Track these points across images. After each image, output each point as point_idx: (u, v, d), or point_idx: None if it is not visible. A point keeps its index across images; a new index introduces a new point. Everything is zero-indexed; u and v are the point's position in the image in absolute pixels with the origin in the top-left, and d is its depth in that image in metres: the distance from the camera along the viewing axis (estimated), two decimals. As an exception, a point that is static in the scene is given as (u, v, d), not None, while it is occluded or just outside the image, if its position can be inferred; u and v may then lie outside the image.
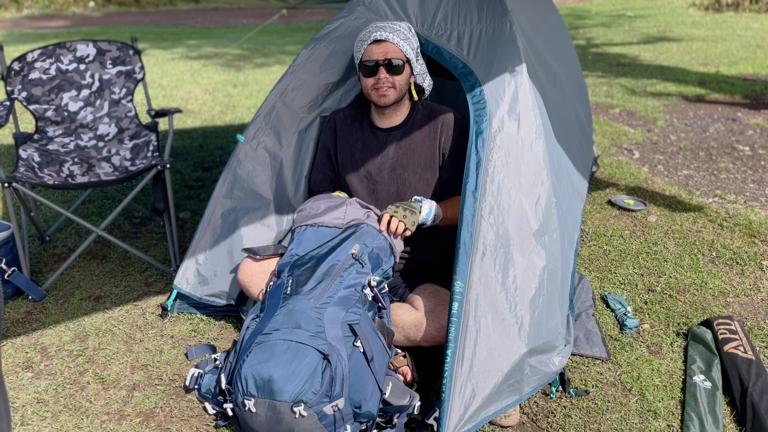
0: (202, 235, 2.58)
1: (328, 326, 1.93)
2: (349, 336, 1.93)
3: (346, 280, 2.07)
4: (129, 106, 3.38)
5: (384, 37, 2.27)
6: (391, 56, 2.28)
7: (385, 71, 2.29)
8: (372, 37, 2.28)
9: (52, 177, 2.97)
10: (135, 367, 2.35)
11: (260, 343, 1.90)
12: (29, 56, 3.18)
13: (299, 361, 1.83)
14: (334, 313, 1.98)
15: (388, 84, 2.30)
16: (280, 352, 1.85)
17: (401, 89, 2.34)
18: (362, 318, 2.00)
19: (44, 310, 2.72)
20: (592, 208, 3.66)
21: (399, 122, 2.43)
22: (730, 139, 4.95)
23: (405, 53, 2.30)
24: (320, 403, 1.79)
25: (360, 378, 1.88)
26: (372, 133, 2.45)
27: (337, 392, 1.81)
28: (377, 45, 2.29)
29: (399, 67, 2.29)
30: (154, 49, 9.37)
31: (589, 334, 2.47)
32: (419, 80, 2.41)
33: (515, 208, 2.11)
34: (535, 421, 2.07)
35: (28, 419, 2.09)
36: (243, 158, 2.59)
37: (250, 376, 1.84)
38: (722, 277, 2.92)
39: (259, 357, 1.87)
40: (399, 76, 2.31)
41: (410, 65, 2.35)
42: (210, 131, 5.29)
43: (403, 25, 2.35)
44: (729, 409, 2.12)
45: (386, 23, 2.34)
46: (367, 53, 2.31)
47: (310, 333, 1.89)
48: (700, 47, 8.80)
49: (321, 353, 1.85)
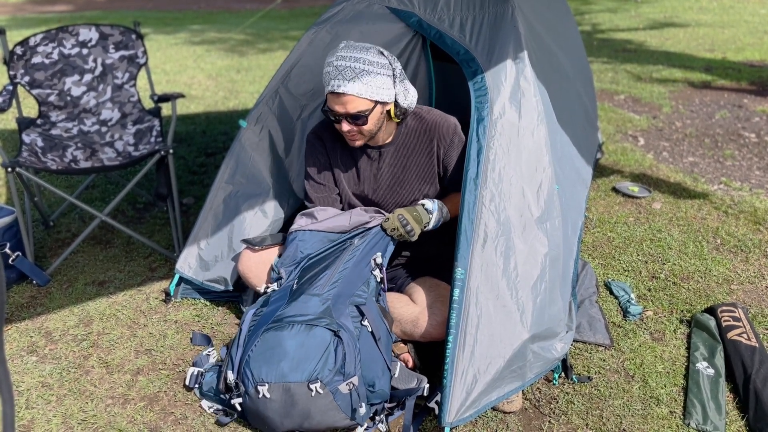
0: (204, 221, 2.58)
1: (335, 306, 1.94)
2: (356, 316, 1.94)
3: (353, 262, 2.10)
4: (132, 91, 3.38)
5: (342, 90, 2.04)
6: (352, 109, 2.08)
7: (347, 123, 2.13)
8: (330, 86, 2.07)
9: (55, 162, 2.97)
10: (139, 352, 2.36)
11: (267, 331, 1.90)
12: (32, 40, 3.17)
13: (310, 340, 1.83)
14: (340, 293, 1.99)
15: (355, 132, 2.16)
16: (288, 336, 1.86)
17: (371, 132, 2.19)
18: (368, 300, 2.01)
19: (48, 294, 2.73)
20: (596, 195, 3.65)
21: (388, 140, 2.31)
22: (736, 125, 4.92)
23: (370, 98, 2.07)
24: (335, 382, 1.80)
25: (370, 356, 1.89)
26: (362, 152, 2.34)
27: (351, 370, 1.82)
28: (336, 96, 2.08)
29: (363, 119, 2.11)
30: (157, 34, 9.33)
31: (593, 320, 2.46)
32: (400, 99, 2.17)
33: (516, 194, 2.10)
34: (537, 407, 2.08)
35: (33, 403, 2.11)
36: (245, 144, 2.58)
37: (260, 364, 1.83)
38: (726, 264, 2.92)
39: (268, 344, 1.86)
40: (366, 125, 2.14)
41: (381, 103, 2.13)
42: (213, 116, 5.28)
43: (369, 56, 2.07)
44: (732, 396, 2.12)
45: (349, 57, 2.06)
46: (328, 100, 2.13)
47: (318, 313, 1.90)
48: (707, 33, 8.72)
49: (331, 331, 1.86)
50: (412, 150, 2.31)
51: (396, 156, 2.32)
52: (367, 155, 2.33)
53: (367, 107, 2.10)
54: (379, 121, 2.18)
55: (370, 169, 2.34)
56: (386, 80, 2.10)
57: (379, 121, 2.18)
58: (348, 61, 2.05)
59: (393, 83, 2.13)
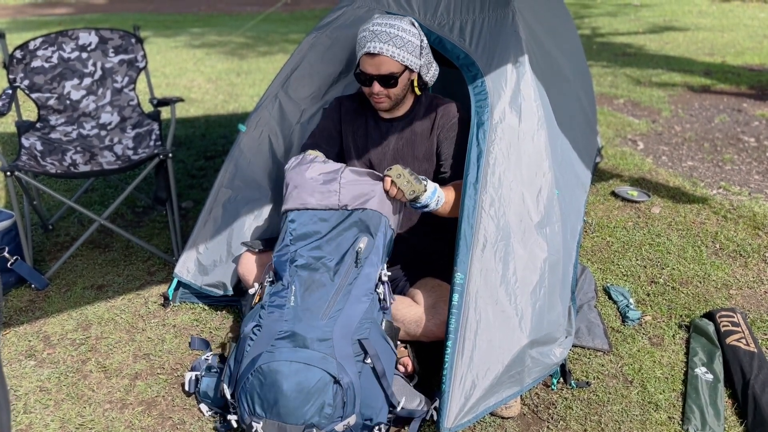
0: (203, 225, 2.58)
1: (338, 344, 1.86)
2: (359, 354, 1.87)
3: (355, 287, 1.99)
4: (131, 94, 3.38)
5: (377, 50, 2.14)
6: (385, 70, 2.17)
7: (379, 85, 2.20)
8: (366, 47, 2.16)
9: (54, 166, 2.97)
10: (137, 356, 2.36)
11: (266, 362, 1.83)
12: (31, 44, 3.17)
13: (308, 383, 1.78)
14: (343, 327, 1.90)
15: (383, 95, 2.23)
16: (286, 375, 1.79)
17: (397, 97, 2.26)
18: (372, 328, 1.94)
19: (47, 298, 2.73)
20: (595, 199, 3.65)
21: (402, 113, 2.38)
22: (735, 130, 4.92)
23: (402, 61, 2.18)
24: (331, 424, 1.78)
25: (371, 394, 1.86)
26: (375, 122, 2.42)
27: (349, 411, 1.80)
28: (371, 57, 2.17)
29: (394, 81, 2.20)
30: (157, 37, 9.34)
31: (591, 325, 2.46)
32: (423, 71, 2.29)
33: (516, 199, 2.10)
34: (536, 412, 2.07)
35: (30, 407, 2.10)
36: (244, 148, 2.58)
37: (256, 397, 1.81)
38: (725, 269, 2.91)
39: (266, 379, 1.81)
40: (394, 89, 2.22)
41: (409, 69, 2.24)
42: (213, 120, 5.28)
43: (403, 24, 2.20)
44: (730, 401, 2.12)
45: (384, 24, 2.18)
46: (362, 63, 2.21)
47: (319, 354, 1.83)
48: (707, 37, 8.73)
49: (331, 375, 1.80)
50: (418, 127, 2.36)
51: (404, 130, 2.37)
52: (378, 126, 2.40)
53: (398, 69, 2.19)
54: (405, 87, 2.27)
55: (379, 139, 2.40)
56: (416, 49, 2.22)
57: (405, 87, 2.27)
58: (383, 27, 2.17)
59: (420, 54, 2.24)
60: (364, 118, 2.44)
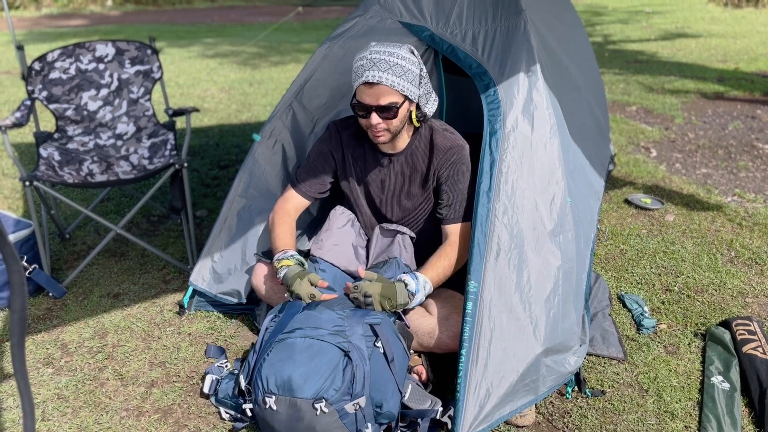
0: (218, 233, 2.60)
1: (349, 324, 1.95)
2: (370, 336, 1.94)
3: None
4: (147, 105, 3.42)
5: (377, 80, 2.02)
6: (384, 101, 2.06)
7: (377, 116, 2.09)
8: (364, 76, 2.05)
9: (71, 175, 3.01)
10: (153, 364, 2.38)
11: (280, 341, 1.92)
12: (49, 56, 3.22)
13: (320, 358, 1.84)
14: (356, 313, 2.01)
15: (382, 128, 2.12)
16: (300, 350, 1.87)
17: (396, 129, 2.16)
18: (383, 320, 2.00)
19: (64, 306, 2.76)
20: (608, 207, 3.64)
21: (401, 148, 2.30)
22: (749, 137, 4.89)
23: (401, 91, 2.06)
24: (341, 401, 1.80)
25: (381, 378, 1.88)
26: (373, 155, 2.34)
27: (358, 391, 1.82)
28: (369, 87, 2.05)
29: (394, 112, 2.09)
30: (171, 48, 9.44)
31: (606, 334, 2.45)
32: (422, 102, 2.18)
33: (529, 207, 2.10)
34: (550, 421, 2.07)
35: (48, 415, 2.13)
36: (258, 157, 2.61)
37: (270, 374, 1.85)
38: (741, 277, 2.89)
39: (280, 355, 1.88)
40: (393, 120, 2.11)
41: (409, 99, 2.13)
42: (226, 129, 5.32)
43: (402, 52, 2.08)
44: (747, 410, 2.10)
45: (383, 51, 2.06)
46: (359, 93, 2.10)
47: (331, 331, 1.91)
48: (719, 44, 8.69)
49: (342, 350, 1.86)
50: (418, 164, 2.31)
51: (404, 165, 2.32)
52: (378, 161, 2.34)
53: (398, 100, 2.08)
54: (404, 119, 2.16)
55: (379, 174, 2.36)
56: (415, 78, 2.11)
57: (405, 118, 2.17)
58: (382, 55, 2.06)
59: (419, 83, 2.14)
60: (362, 148, 2.36)
